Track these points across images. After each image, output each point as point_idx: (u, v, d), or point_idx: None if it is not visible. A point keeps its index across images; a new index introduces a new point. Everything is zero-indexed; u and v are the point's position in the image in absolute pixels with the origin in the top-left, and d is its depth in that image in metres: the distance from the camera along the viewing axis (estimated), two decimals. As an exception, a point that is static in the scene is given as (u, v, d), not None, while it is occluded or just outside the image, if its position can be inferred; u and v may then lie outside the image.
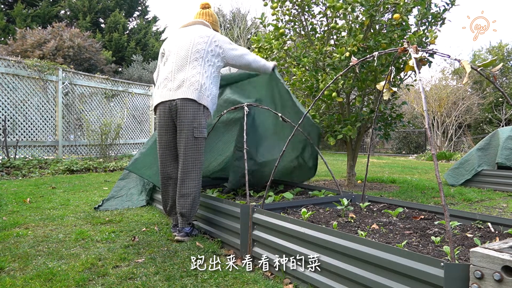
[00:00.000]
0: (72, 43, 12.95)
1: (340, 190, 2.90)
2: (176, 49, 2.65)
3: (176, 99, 2.54)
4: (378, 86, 2.22)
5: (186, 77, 2.56)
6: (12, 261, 2.16)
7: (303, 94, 5.00)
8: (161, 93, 2.62)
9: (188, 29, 2.72)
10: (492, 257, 1.20)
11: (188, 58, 2.59)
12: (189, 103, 2.53)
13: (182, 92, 2.53)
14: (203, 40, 2.64)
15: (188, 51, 2.60)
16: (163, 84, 2.63)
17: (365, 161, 10.19)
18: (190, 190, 2.55)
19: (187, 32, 2.69)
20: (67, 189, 4.76)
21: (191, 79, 2.55)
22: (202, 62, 2.60)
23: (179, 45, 2.65)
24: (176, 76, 2.58)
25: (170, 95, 2.56)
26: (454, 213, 2.23)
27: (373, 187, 5.30)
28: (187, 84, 2.54)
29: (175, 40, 2.71)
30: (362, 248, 1.56)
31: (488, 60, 1.70)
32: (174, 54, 2.65)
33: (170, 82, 2.60)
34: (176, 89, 2.55)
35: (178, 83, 2.56)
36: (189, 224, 2.59)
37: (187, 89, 2.53)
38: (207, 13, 2.88)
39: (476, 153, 5.62)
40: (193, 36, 2.65)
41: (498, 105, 15.86)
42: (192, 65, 2.58)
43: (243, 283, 1.87)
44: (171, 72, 2.61)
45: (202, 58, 2.60)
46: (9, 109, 7.21)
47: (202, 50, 2.61)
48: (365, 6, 4.11)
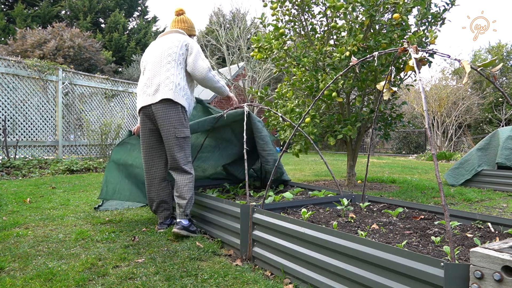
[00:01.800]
0: (72, 43, 12.95)
1: (340, 190, 2.90)
2: (152, 58, 2.79)
3: (152, 104, 2.67)
4: (378, 86, 2.22)
5: (161, 81, 2.67)
6: (12, 261, 2.16)
7: (303, 94, 5.00)
8: (141, 99, 2.76)
9: (163, 38, 2.86)
10: (492, 257, 1.20)
11: (161, 62, 2.72)
12: (165, 104, 2.64)
13: (159, 95, 2.65)
14: (175, 45, 2.75)
15: (162, 56, 2.73)
16: (142, 90, 2.76)
17: (365, 161, 10.20)
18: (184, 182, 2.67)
19: (162, 41, 2.82)
20: (67, 189, 4.77)
21: (165, 81, 2.66)
22: (174, 64, 2.71)
23: (154, 54, 2.79)
24: (153, 82, 2.70)
25: (148, 100, 2.69)
26: (454, 213, 2.23)
27: (373, 187, 5.30)
28: (162, 86, 2.66)
29: (151, 50, 2.85)
30: (362, 248, 1.56)
31: (488, 60, 1.70)
32: (150, 63, 2.78)
33: (148, 88, 2.72)
34: (153, 94, 2.67)
35: (154, 88, 2.68)
36: (186, 216, 2.64)
37: (162, 90, 2.65)
38: (181, 19, 2.97)
39: (476, 153, 5.62)
40: (166, 43, 2.78)
41: (498, 105, 15.86)
42: (165, 68, 2.70)
43: (243, 283, 1.87)
44: (148, 79, 2.74)
45: (174, 61, 2.71)
46: (9, 109, 7.22)
47: (174, 53, 2.72)
48: (365, 6, 4.11)
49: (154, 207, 2.85)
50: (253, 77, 14.77)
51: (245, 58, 14.47)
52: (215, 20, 16.77)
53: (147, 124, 2.77)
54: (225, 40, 14.70)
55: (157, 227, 2.84)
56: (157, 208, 2.84)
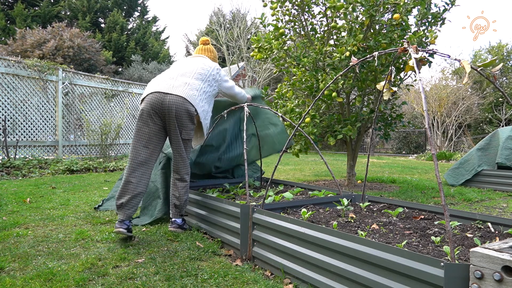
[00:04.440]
0: (72, 43, 12.95)
1: (340, 190, 2.90)
2: (182, 66, 2.90)
3: (172, 94, 2.63)
4: (378, 86, 2.22)
5: (188, 82, 2.73)
6: (12, 261, 2.16)
7: (303, 94, 5.00)
8: (158, 84, 2.70)
9: (194, 58, 3.03)
10: (492, 257, 1.20)
11: (192, 73, 2.81)
12: (184, 102, 2.65)
13: (180, 91, 2.66)
14: (207, 67, 2.92)
15: (194, 69, 2.84)
16: (164, 79, 2.74)
17: (365, 161, 10.20)
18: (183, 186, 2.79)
19: (193, 59, 3.00)
20: (67, 189, 4.76)
21: (192, 85, 2.73)
22: (203, 81, 2.83)
23: (186, 64, 2.91)
24: (180, 79, 2.74)
25: (169, 89, 2.65)
26: (454, 213, 2.23)
27: (373, 187, 5.30)
28: (187, 87, 2.70)
29: (182, 62, 2.99)
30: (362, 248, 1.56)
31: (488, 60, 1.70)
32: (181, 67, 2.87)
33: (172, 80, 2.73)
34: (176, 87, 2.67)
35: (179, 83, 2.70)
36: (181, 216, 2.81)
37: (186, 90, 2.68)
38: (208, 49, 3.21)
39: (476, 153, 5.62)
40: (198, 62, 2.94)
41: (498, 105, 15.86)
42: (194, 78, 2.79)
43: (243, 283, 1.87)
44: (176, 74, 2.78)
45: (203, 79, 2.83)
46: (9, 109, 7.22)
47: (204, 73, 2.86)
48: (365, 6, 4.12)
49: (124, 201, 2.57)
50: (253, 77, 14.77)
51: (245, 58, 14.47)
52: (215, 20, 16.78)
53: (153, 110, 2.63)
54: (225, 40, 14.70)
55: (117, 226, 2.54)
56: (126, 203, 2.58)
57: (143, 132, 2.66)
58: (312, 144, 3.46)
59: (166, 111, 2.62)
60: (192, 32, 43.15)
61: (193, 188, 3.45)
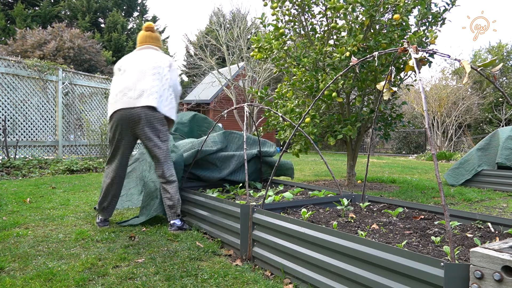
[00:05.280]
0: (73, 44, 12.95)
1: (340, 190, 2.90)
2: (135, 65, 2.89)
3: (137, 107, 2.75)
4: (378, 86, 2.22)
5: (146, 88, 2.79)
6: (12, 261, 2.16)
7: (303, 94, 5.00)
8: (120, 100, 2.80)
9: (144, 52, 3.01)
10: (492, 257, 1.20)
11: (146, 72, 2.85)
12: (149, 111, 2.77)
13: (142, 100, 2.76)
14: (160, 60, 2.95)
15: (147, 66, 2.87)
16: (123, 92, 2.80)
17: (365, 161, 10.19)
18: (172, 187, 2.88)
19: (144, 53, 2.99)
20: (67, 189, 4.77)
21: (151, 89, 2.79)
22: (159, 77, 2.88)
23: (138, 62, 2.91)
24: (137, 86, 2.79)
25: (131, 103, 2.76)
26: (454, 213, 2.23)
27: (373, 187, 5.30)
28: (147, 94, 2.77)
29: (132, 59, 2.96)
30: (362, 248, 1.56)
31: (488, 60, 1.70)
32: (133, 69, 2.87)
33: (130, 91, 2.79)
34: (136, 98, 2.76)
35: (138, 93, 2.78)
36: (178, 217, 2.86)
37: (147, 98, 2.77)
38: (155, 37, 3.15)
39: (476, 153, 5.62)
40: (150, 56, 2.95)
41: (498, 105, 15.86)
42: (151, 79, 2.83)
43: (243, 283, 1.87)
44: (132, 83, 2.81)
45: (159, 74, 2.89)
46: (9, 109, 7.21)
47: (159, 67, 2.91)
48: (365, 6, 4.11)
49: (106, 204, 2.92)
50: (253, 77, 14.77)
51: (245, 58, 14.46)
52: (215, 20, 16.77)
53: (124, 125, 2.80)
54: (225, 40, 14.69)
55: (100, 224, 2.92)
56: (108, 206, 2.93)
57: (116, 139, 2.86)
58: (312, 144, 3.46)
59: (136, 124, 2.78)
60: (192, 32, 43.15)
61: (193, 188, 3.45)
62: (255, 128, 3.98)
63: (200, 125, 4.32)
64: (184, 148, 3.44)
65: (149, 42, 3.09)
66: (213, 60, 15.08)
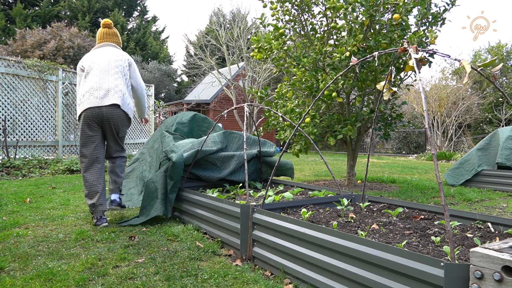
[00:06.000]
0: (72, 43, 12.94)
1: (340, 190, 2.90)
2: (97, 65, 3.07)
3: (103, 106, 2.97)
4: (378, 86, 2.22)
5: (110, 87, 3.01)
6: (12, 261, 2.16)
7: (303, 94, 5.00)
8: (88, 100, 2.99)
9: (103, 49, 3.19)
10: (492, 257, 1.20)
11: (109, 71, 3.05)
12: (114, 109, 3.00)
13: (108, 99, 2.98)
14: (120, 58, 3.15)
15: (109, 66, 3.07)
16: (89, 92, 3.00)
17: (365, 161, 10.19)
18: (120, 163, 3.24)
19: (104, 52, 3.16)
20: (67, 189, 4.76)
21: (115, 88, 3.02)
22: (121, 75, 3.10)
23: (99, 62, 3.08)
24: (102, 86, 3.00)
25: (98, 102, 2.97)
26: (454, 213, 2.23)
27: (373, 187, 5.30)
28: (112, 92, 3.00)
29: (94, 58, 3.12)
30: (362, 248, 1.56)
31: (488, 60, 1.70)
32: (96, 69, 3.05)
33: (96, 91, 2.99)
34: (102, 97, 2.98)
35: (104, 92, 2.99)
36: (120, 192, 3.24)
37: (112, 97, 2.99)
38: (115, 33, 3.33)
39: (476, 153, 5.62)
40: (111, 55, 3.13)
41: (498, 105, 15.87)
42: (114, 77, 3.05)
43: (243, 283, 1.87)
44: (96, 83, 3.01)
45: (121, 72, 3.10)
46: (9, 109, 7.21)
47: (120, 66, 3.12)
48: (365, 6, 4.11)
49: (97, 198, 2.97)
50: (253, 77, 14.77)
51: (245, 58, 14.46)
52: (215, 20, 16.77)
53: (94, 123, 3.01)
54: (225, 40, 14.69)
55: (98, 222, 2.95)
56: (98, 200, 2.97)
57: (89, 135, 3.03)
58: (312, 144, 3.46)
59: (105, 121, 3.01)
60: (192, 32, 43.12)
61: (193, 188, 3.45)
62: (255, 128, 3.99)
63: (200, 125, 4.32)
64: (184, 148, 3.43)
65: (107, 39, 3.24)
66: (213, 60, 15.08)
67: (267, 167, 3.92)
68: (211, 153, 3.48)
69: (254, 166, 3.86)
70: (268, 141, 4.03)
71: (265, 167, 3.92)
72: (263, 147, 3.88)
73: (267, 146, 3.94)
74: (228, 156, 3.57)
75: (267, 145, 3.96)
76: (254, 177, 3.89)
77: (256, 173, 3.89)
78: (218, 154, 3.53)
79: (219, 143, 3.60)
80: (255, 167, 3.87)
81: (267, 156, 3.88)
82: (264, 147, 3.90)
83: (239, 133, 3.88)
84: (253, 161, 3.84)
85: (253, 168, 3.85)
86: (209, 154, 3.46)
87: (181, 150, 3.35)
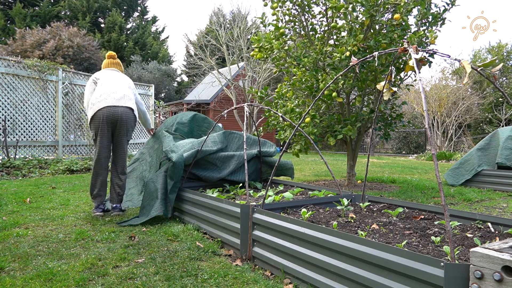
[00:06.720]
0: (71, 42, 12.94)
1: (340, 190, 2.90)
2: (111, 78, 3.45)
3: (119, 106, 3.29)
4: (378, 86, 2.22)
5: (125, 94, 3.39)
6: (12, 261, 2.16)
7: (303, 94, 5.00)
8: (105, 100, 3.28)
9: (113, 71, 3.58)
10: (492, 257, 1.20)
11: (123, 84, 3.45)
12: (129, 111, 3.36)
13: (124, 102, 3.33)
14: (127, 78, 3.64)
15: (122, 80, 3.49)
16: (107, 93, 3.31)
17: (365, 161, 10.20)
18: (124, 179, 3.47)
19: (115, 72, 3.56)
20: (67, 189, 4.76)
21: (129, 96, 3.42)
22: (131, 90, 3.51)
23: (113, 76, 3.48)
24: (118, 91, 3.35)
25: (115, 102, 3.29)
26: (454, 213, 2.23)
27: (373, 187, 5.30)
28: (127, 98, 3.37)
29: (107, 73, 3.50)
30: (362, 248, 1.56)
31: (488, 60, 1.70)
32: (111, 80, 3.42)
33: (113, 93, 3.32)
34: (119, 99, 3.31)
35: (120, 95, 3.34)
36: (120, 202, 3.45)
37: (127, 101, 3.36)
38: (118, 63, 3.74)
39: (476, 153, 5.62)
40: (121, 75, 3.59)
41: (498, 105, 15.87)
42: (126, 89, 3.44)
43: (243, 283, 1.87)
44: (113, 87, 3.35)
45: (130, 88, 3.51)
46: (9, 109, 7.21)
47: (130, 82, 3.58)
48: (366, 6, 4.11)
49: (96, 192, 3.32)
50: (253, 77, 14.76)
51: (245, 58, 14.46)
52: (215, 20, 16.77)
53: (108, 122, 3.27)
54: (225, 40, 14.69)
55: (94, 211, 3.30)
56: (98, 193, 3.33)
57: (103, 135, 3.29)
58: (312, 144, 3.46)
59: (119, 120, 3.29)
60: (192, 32, 43.12)
61: (193, 188, 3.45)
62: (255, 128, 3.99)
63: (200, 125, 4.32)
64: (184, 148, 3.43)
65: (114, 67, 3.67)
66: (213, 60, 15.07)
67: (267, 167, 3.92)
68: (211, 153, 3.48)
69: (254, 166, 3.86)
70: (268, 141, 4.03)
71: (265, 167, 3.92)
72: (263, 147, 3.88)
73: (267, 146, 3.94)
74: (228, 156, 3.57)
75: (267, 145, 3.96)
76: (254, 177, 3.89)
77: (256, 173, 3.89)
78: (218, 154, 3.53)
79: (219, 143, 3.60)
80: (255, 167, 3.87)
81: (267, 156, 3.88)
82: (264, 147, 3.90)
83: (239, 133, 3.88)
84: (253, 161, 3.84)
85: (253, 168, 3.85)
86: (209, 154, 3.46)
87: (181, 150, 3.35)
